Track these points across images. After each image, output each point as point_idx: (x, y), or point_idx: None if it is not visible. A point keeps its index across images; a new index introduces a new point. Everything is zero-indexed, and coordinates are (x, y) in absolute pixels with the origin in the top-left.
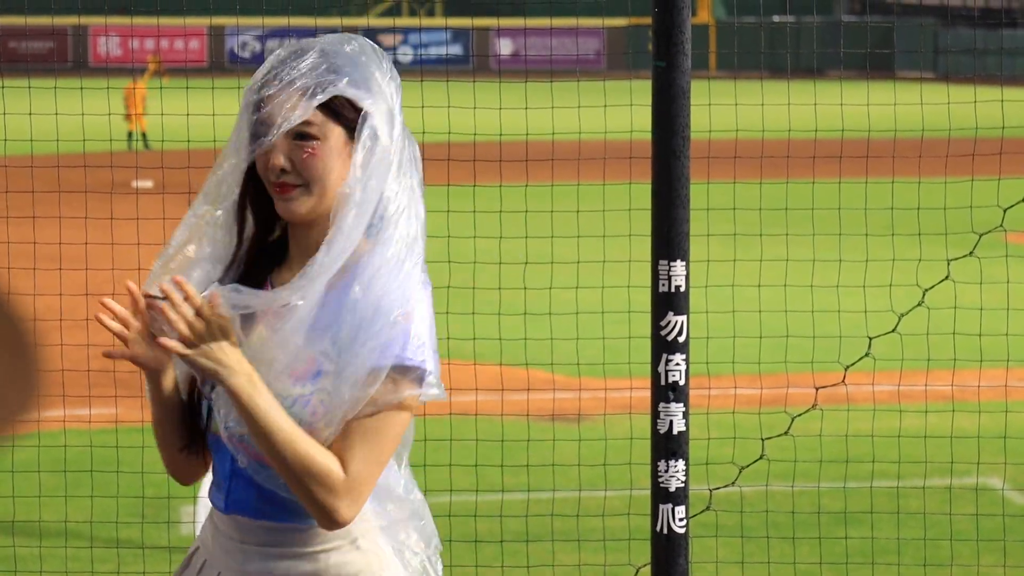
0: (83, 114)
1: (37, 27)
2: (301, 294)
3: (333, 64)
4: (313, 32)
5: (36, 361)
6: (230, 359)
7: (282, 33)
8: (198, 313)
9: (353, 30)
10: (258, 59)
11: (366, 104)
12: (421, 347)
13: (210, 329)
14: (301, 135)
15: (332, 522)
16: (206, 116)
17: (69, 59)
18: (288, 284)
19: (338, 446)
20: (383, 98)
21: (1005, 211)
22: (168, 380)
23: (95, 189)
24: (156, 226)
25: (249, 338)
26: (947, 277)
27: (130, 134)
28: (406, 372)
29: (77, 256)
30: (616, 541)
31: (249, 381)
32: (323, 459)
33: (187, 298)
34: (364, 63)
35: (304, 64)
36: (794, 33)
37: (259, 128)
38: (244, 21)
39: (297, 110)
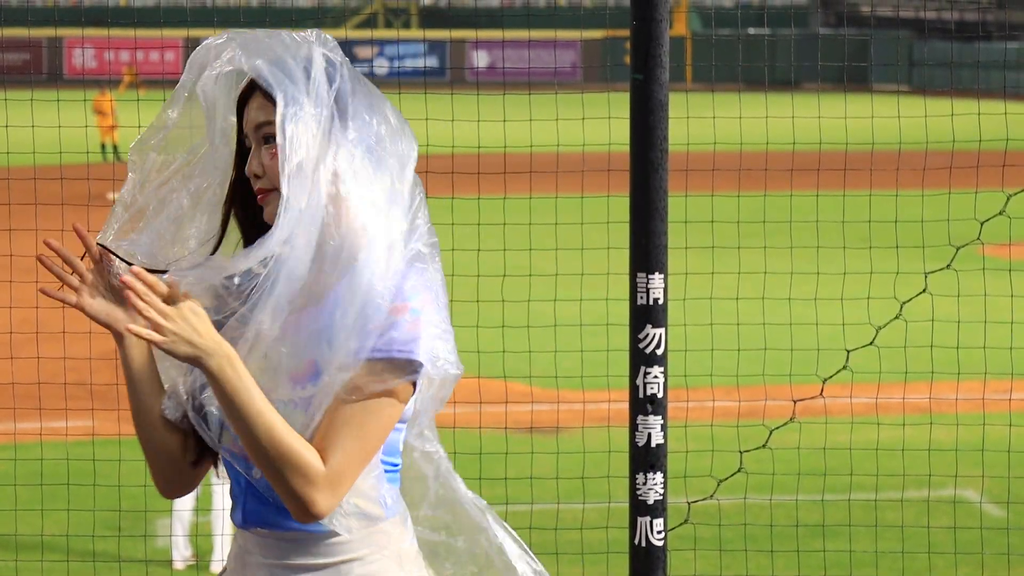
0: (60, 126)
1: (12, 39)
2: (259, 256)
3: (281, 62)
4: None
5: None
6: (207, 341)
7: None
8: (166, 299)
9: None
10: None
11: (284, 100)
12: (412, 340)
13: (181, 312)
14: (269, 137)
15: (308, 514)
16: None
17: (44, 71)
18: (242, 252)
19: (320, 438)
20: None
21: (982, 224)
22: (136, 346)
23: (71, 201)
24: None
25: (245, 330)
26: (924, 290)
27: (103, 146)
28: (392, 364)
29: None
30: (594, 554)
31: (229, 363)
32: (303, 448)
33: (150, 286)
34: (290, 55)
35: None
36: (770, 46)
37: (242, 134)
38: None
39: (265, 113)
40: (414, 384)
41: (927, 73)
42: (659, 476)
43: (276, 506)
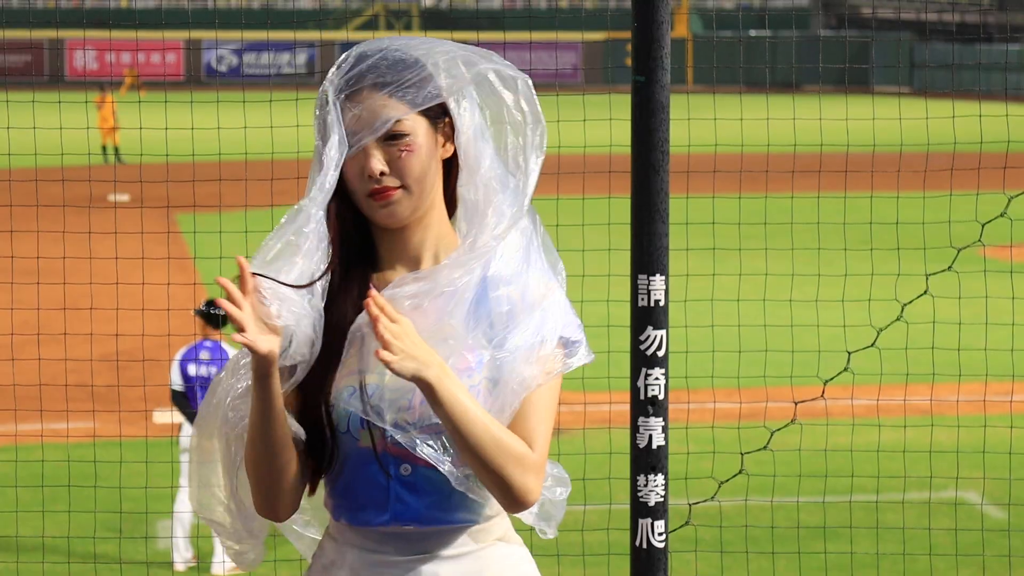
0: (61, 128)
1: (13, 40)
2: (463, 270)
3: (405, 61)
4: (292, 46)
5: None
6: (425, 354)
7: (261, 47)
8: (392, 318)
9: (331, 44)
10: (235, 72)
11: (451, 90)
12: (569, 319)
13: (405, 330)
14: (393, 135)
15: (524, 503)
16: (184, 130)
17: (45, 72)
18: (449, 260)
19: (520, 426)
20: (460, 78)
21: (983, 226)
22: (275, 376)
23: (72, 203)
24: (134, 240)
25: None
26: (926, 292)
27: (104, 148)
28: (562, 344)
29: (55, 270)
30: (595, 556)
31: (443, 371)
32: (515, 440)
33: (381, 308)
34: (432, 54)
35: (386, 64)
36: (771, 48)
37: (348, 134)
38: (223, 35)
39: (392, 110)
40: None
41: (928, 75)
42: (660, 478)
43: (431, 501)
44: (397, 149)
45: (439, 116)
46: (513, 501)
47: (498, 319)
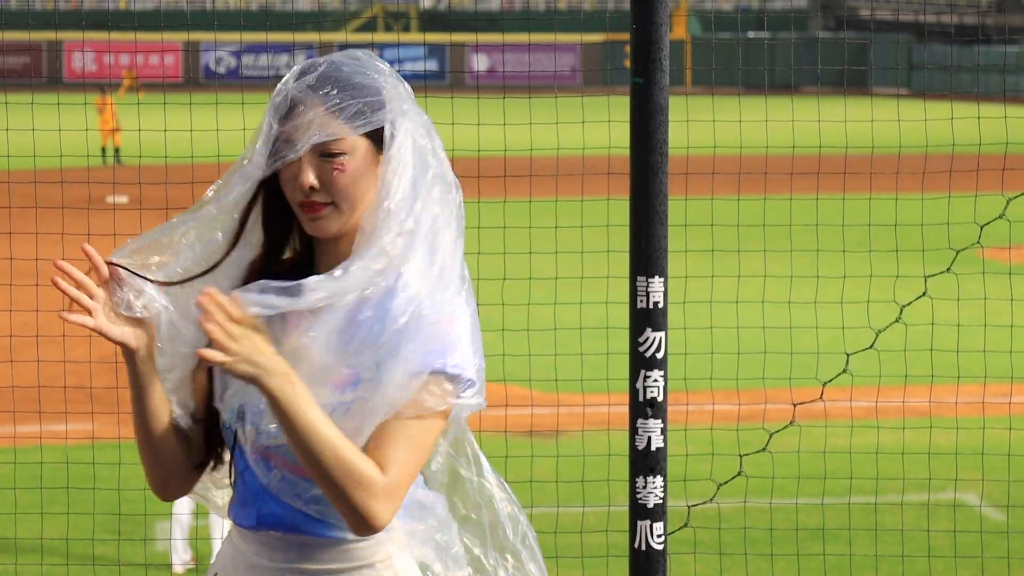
0: (60, 130)
1: (12, 42)
2: (328, 295)
3: (355, 82)
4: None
5: None
6: (268, 361)
7: (259, 49)
8: (231, 318)
9: (329, 45)
10: (233, 74)
11: (392, 118)
12: (463, 356)
13: (245, 332)
14: (328, 152)
15: (368, 527)
16: (182, 132)
17: (44, 74)
18: (315, 280)
19: (376, 449)
20: (402, 112)
21: (982, 227)
22: (146, 361)
23: (71, 205)
24: None
25: (282, 346)
26: (924, 293)
27: (103, 149)
28: (448, 379)
29: (53, 272)
30: (594, 558)
31: (288, 381)
32: (363, 461)
33: (221, 307)
34: (382, 81)
35: (327, 83)
36: (770, 49)
37: (281, 144)
38: (222, 36)
39: (328, 127)
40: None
41: (927, 76)
42: (659, 480)
43: (297, 510)
44: (331, 166)
45: (380, 137)
46: (358, 523)
47: (389, 337)
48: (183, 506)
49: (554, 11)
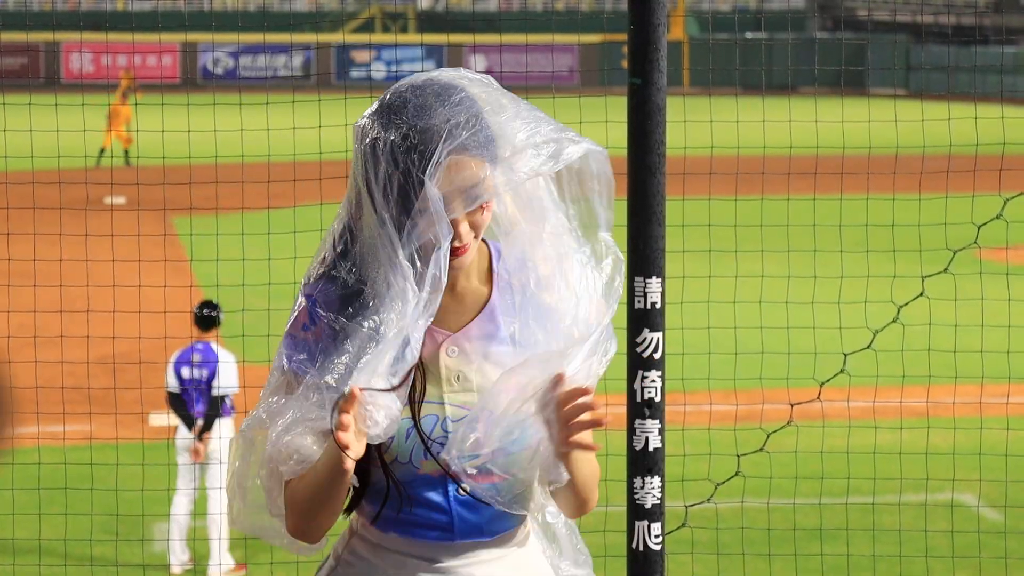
0: (57, 130)
1: (10, 43)
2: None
3: (497, 135)
4: (288, 48)
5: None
6: None
7: (257, 49)
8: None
9: (327, 46)
10: (231, 75)
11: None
12: None
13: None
14: (476, 198)
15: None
16: (180, 132)
17: (41, 75)
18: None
19: None
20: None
21: (979, 228)
22: (352, 469)
23: (69, 205)
24: (130, 242)
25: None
26: (922, 294)
27: (102, 151)
28: None
29: (51, 272)
30: (592, 558)
31: None
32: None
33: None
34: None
35: (483, 133)
36: (768, 50)
37: (445, 197)
38: (219, 37)
39: (488, 183)
40: None
41: (924, 77)
42: (656, 480)
43: (491, 513)
44: (480, 211)
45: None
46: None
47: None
48: (181, 507)
49: (552, 12)
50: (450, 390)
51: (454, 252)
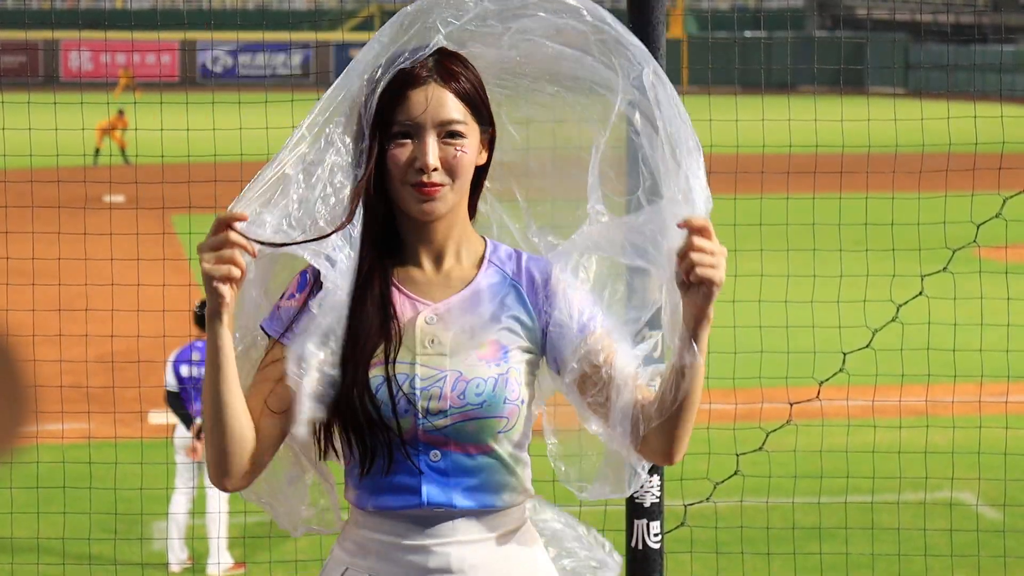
0: (56, 129)
1: (8, 41)
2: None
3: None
4: (287, 47)
5: (23, 377)
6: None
7: (256, 48)
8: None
9: (326, 44)
10: (230, 73)
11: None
12: None
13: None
14: (452, 133)
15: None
16: (179, 131)
17: (40, 73)
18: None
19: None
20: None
21: (978, 226)
22: (230, 328)
23: (67, 204)
24: (129, 241)
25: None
26: (921, 292)
27: (97, 151)
28: None
29: (49, 271)
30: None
31: None
32: None
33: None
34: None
35: (460, 63)
36: (767, 48)
37: (405, 121)
38: (218, 36)
39: (456, 112)
40: None
41: (923, 76)
42: (656, 479)
43: (462, 485)
44: (454, 148)
45: (488, 124)
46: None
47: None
48: (180, 505)
49: None
50: (423, 352)
51: (422, 187)
